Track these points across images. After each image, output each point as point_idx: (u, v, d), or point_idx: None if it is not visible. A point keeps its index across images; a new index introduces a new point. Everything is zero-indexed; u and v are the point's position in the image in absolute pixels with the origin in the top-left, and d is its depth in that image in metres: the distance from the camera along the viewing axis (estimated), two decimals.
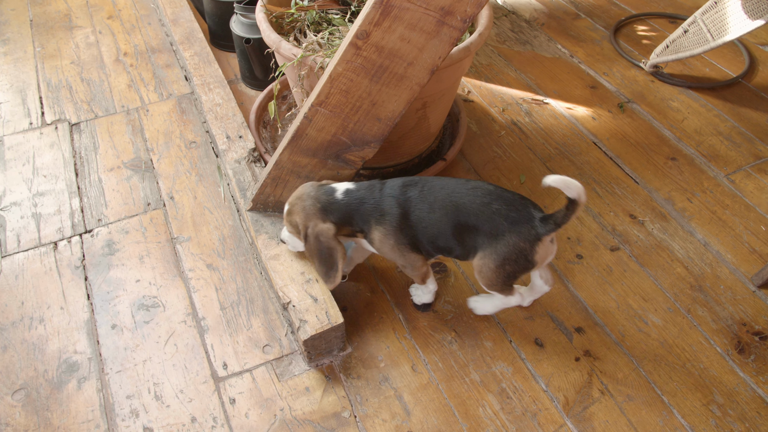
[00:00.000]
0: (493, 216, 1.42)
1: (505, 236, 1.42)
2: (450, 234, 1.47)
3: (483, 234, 1.44)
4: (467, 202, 1.44)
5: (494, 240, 1.43)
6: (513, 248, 1.42)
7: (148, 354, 1.66)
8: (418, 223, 1.49)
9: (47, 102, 2.39)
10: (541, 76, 2.48)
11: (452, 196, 1.46)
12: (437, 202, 1.47)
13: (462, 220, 1.45)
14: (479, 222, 1.43)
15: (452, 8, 1.37)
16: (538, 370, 1.62)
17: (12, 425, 1.53)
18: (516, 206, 1.43)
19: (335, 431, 1.51)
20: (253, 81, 2.38)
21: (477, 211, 1.44)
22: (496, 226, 1.42)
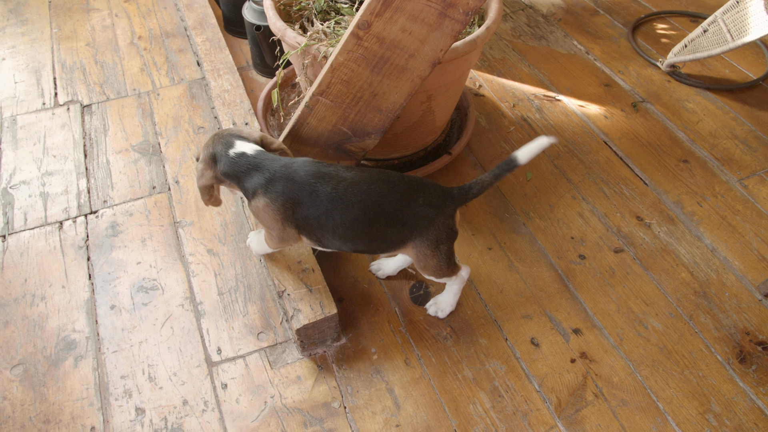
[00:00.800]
0: (420, 209, 1.41)
1: (434, 222, 1.42)
2: (367, 232, 1.43)
3: (412, 227, 1.43)
4: (392, 200, 1.40)
5: (425, 230, 1.43)
6: (442, 227, 1.44)
7: (145, 336, 1.67)
8: (327, 221, 1.42)
9: (61, 83, 2.41)
10: (554, 73, 2.45)
11: (374, 194, 1.40)
12: (352, 203, 1.40)
13: (386, 218, 1.42)
14: (407, 219, 1.42)
15: (454, 0, 1.35)
16: (532, 369, 1.60)
17: (9, 399, 1.56)
18: (434, 191, 1.44)
19: (324, 421, 1.51)
20: (264, 68, 2.38)
21: (404, 208, 1.41)
22: (425, 216, 1.42)
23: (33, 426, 1.51)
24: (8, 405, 1.55)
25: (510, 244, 1.87)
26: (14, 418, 1.52)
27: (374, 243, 1.46)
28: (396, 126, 1.85)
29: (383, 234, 1.44)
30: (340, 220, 1.40)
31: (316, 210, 1.41)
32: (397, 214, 1.41)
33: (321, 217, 1.41)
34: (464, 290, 1.75)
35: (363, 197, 1.39)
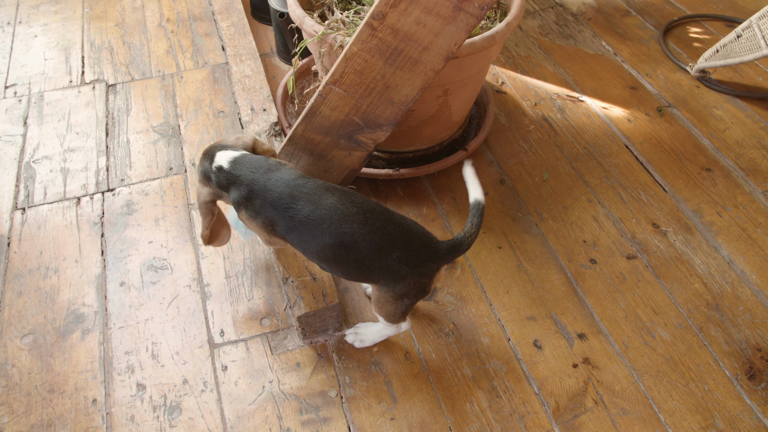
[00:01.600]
0: (392, 264, 1.33)
1: (406, 279, 1.35)
2: (337, 263, 1.38)
3: (379, 276, 1.36)
4: (364, 247, 1.32)
5: (394, 282, 1.36)
6: (414, 285, 1.37)
7: (151, 314, 1.70)
8: (302, 242, 1.38)
9: (89, 62, 2.46)
10: (580, 73, 2.40)
11: (345, 235, 1.32)
12: (325, 233, 1.33)
13: (355, 260, 1.35)
14: (375, 268, 1.34)
15: None
16: (532, 372, 1.58)
17: (17, 367, 1.60)
18: (417, 247, 1.34)
19: (320, 409, 1.52)
20: (287, 55, 2.39)
21: (373, 258, 1.33)
22: (396, 272, 1.34)
23: (38, 394, 1.55)
24: (16, 372, 1.59)
25: (520, 244, 1.85)
26: (21, 385, 1.57)
27: (346, 273, 1.41)
28: (411, 119, 1.84)
29: (351, 270, 1.39)
30: (314, 246, 1.36)
31: (291, 231, 1.37)
32: (367, 260, 1.33)
33: (296, 238, 1.38)
34: (470, 289, 1.74)
35: (336, 232, 1.32)
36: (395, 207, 1.94)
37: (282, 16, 2.19)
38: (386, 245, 1.32)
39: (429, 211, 1.93)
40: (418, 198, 1.96)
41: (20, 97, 2.31)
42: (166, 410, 1.52)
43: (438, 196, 1.97)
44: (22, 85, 2.36)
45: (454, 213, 1.92)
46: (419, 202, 1.95)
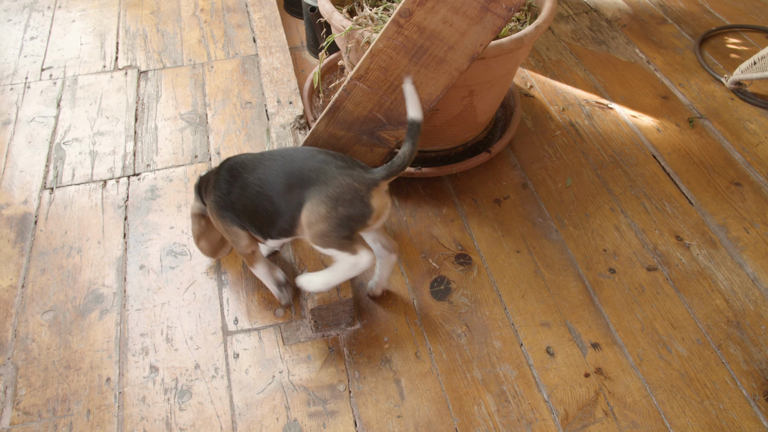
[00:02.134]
0: (320, 165, 1.38)
1: (336, 178, 1.36)
2: (272, 196, 1.43)
3: (310, 183, 1.37)
4: (293, 161, 1.43)
5: (323, 185, 1.36)
6: (346, 188, 1.35)
7: (168, 298, 1.72)
8: (240, 195, 1.47)
9: (123, 48, 2.50)
10: (610, 80, 2.37)
11: (278, 161, 1.45)
12: (260, 168, 1.46)
13: (287, 177, 1.40)
14: (304, 173, 1.38)
15: None
16: (543, 378, 1.57)
17: (37, 342, 1.64)
18: (345, 158, 1.43)
19: (327, 402, 1.53)
20: (316, 49, 2.40)
21: (302, 164, 1.40)
22: (325, 172, 1.37)
23: (55, 369, 1.59)
24: (35, 347, 1.63)
25: (539, 250, 1.83)
26: (39, 359, 1.60)
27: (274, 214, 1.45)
28: (435, 119, 1.83)
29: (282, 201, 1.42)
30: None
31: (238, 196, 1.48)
32: (297, 173, 1.40)
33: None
34: (485, 292, 1.73)
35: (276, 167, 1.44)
36: (415, 205, 1.94)
37: (313, 10, 2.20)
38: (311, 152, 1.45)
39: (449, 211, 1.92)
40: (439, 198, 1.96)
41: (55, 80, 2.37)
42: (177, 393, 1.54)
43: (459, 197, 1.96)
44: (58, 69, 2.42)
45: (474, 215, 1.91)
46: (440, 201, 1.95)
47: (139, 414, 1.51)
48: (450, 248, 1.84)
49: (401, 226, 1.89)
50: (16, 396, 1.54)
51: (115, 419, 1.50)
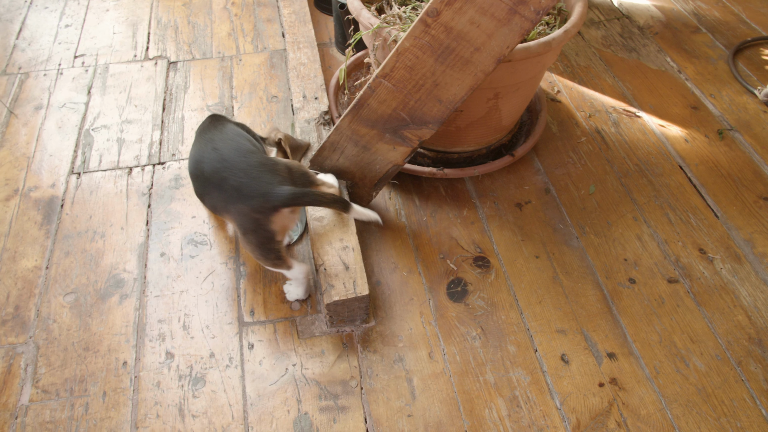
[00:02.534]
0: (240, 180, 1.48)
1: (239, 206, 1.48)
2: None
3: (230, 199, 1.50)
4: (224, 160, 1.53)
5: (236, 211, 1.50)
6: (246, 218, 1.48)
7: (186, 286, 1.75)
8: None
9: (154, 38, 2.54)
10: (639, 88, 2.34)
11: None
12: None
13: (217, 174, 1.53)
14: (228, 182, 1.50)
15: None
16: (556, 386, 1.55)
17: (58, 322, 1.67)
18: (251, 177, 1.49)
19: (338, 397, 1.53)
20: (344, 46, 2.41)
21: (228, 172, 1.51)
22: (239, 192, 1.48)
23: (74, 350, 1.62)
24: (56, 327, 1.66)
25: (559, 256, 1.81)
26: (59, 340, 1.64)
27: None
28: (459, 120, 1.83)
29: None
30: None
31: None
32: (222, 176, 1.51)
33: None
34: (502, 295, 1.72)
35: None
36: (436, 206, 1.93)
37: (342, 7, 2.21)
38: (222, 169, 1.53)
39: (469, 213, 1.92)
40: (460, 199, 1.95)
41: (87, 68, 2.41)
42: (191, 380, 1.56)
43: (480, 199, 1.95)
44: (90, 56, 2.46)
45: (494, 218, 1.90)
46: (460, 203, 1.94)
47: (153, 398, 1.53)
48: (469, 250, 1.83)
49: (421, 226, 1.89)
50: (36, 374, 1.57)
51: (129, 402, 1.53)
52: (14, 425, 1.49)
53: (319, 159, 1.79)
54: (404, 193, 1.98)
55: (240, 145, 1.56)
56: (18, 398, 1.54)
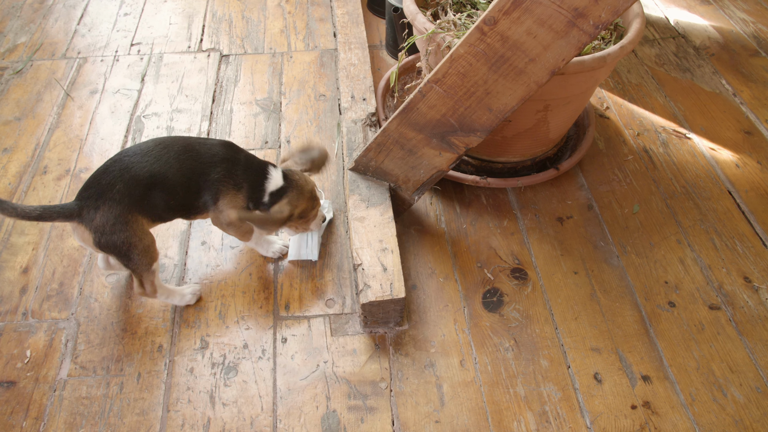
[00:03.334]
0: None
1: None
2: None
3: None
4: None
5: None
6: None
7: (225, 276, 1.77)
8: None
9: (208, 31, 2.59)
10: (691, 109, 2.29)
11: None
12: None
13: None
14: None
15: (586, 11, 1.30)
16: (588, 404, 1.53)
17: (99, 301, 1.72)
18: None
19: (368, 397, 1.54)
20: (395, 49, 2.42)
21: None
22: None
23: (112, 330, 1.66)
24: (97, 306, 1.71)
25: (598, 274, 1.79)
26: (99, 319, 1.68)
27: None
28: (507, 130, 1.82)
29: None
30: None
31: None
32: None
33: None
34: (538, 309, 1.71)
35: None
36: (476, 215, 1.93)
37: (396, 11, 2.22)
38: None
39: (510, 224, 1.90)
40: (501, 209, 1.94)
41: (142, 56, 2.47)
42: (224, 369, 1.58)
43: (521, 210, 1.94)
44: (146, 45, 2.52)
45: (535, 230, 1.89)
46: (501, 213, 1.93)
47: (185, 384, 1.56)
48: (507, 261, 1.82)
49: (460, 233, 1.88)
50: (75, 350, 1.62)
51: (162, 385, 1.56)
52: (52, 397, 1.53)
53: (364, 160, 1.80)
54: (445, 200, 1.98)
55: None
56: (57, 372, 1.58)
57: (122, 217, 1.45)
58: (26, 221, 1.47)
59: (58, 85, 2.34)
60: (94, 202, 1.43)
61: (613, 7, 1.28)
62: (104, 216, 1.43)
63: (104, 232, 1.44)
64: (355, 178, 1.84)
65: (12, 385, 1.56)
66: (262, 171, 1.60)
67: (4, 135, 2.16)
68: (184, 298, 1.68)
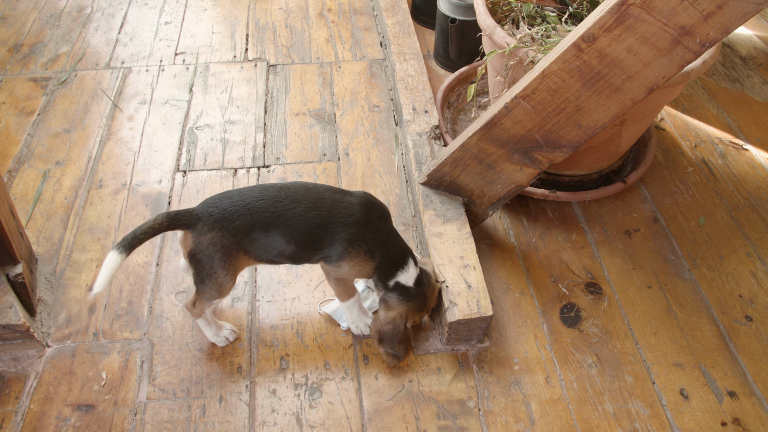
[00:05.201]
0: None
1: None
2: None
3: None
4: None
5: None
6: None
7: (298, 293, 1.74)
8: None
9: (252, 40, 2.55)
10: (745, 120, 2.30)
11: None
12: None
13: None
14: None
15: (694, 29, 1.30)
16: (677, 421, 1.53)
17: (171, 321, 1.68)
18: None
19: (457, 417, 1.52)
20: (445, 60, 2.41)
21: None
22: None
23: (188, 350, 1.62)
24: (170, 326, 1.67)
25: (671, 288, 1.79)
26: (173, 339, 1.64)
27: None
28: None
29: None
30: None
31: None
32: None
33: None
34: (616, 324, 1.70)
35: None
36: (543, 228, 1.92)
37: (453, 22, 2.21)
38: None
39: (578, 238, 1.90)
40: (568, 223, 1.93)
41: (188, 66, 2.43)
42: (308, 390, 1.56)
43: (588, 224, 1.93)
44: (191, 55, 2.48)
45: (604, 244, 1.88)
46: (569, 227, 1.92)
47: (269, 405, 1.53)
48: (580, 276, 1.81)
49: (530, 247, 1.87)
50: (152, 372, 1.58)
51: (246, 408, 1.52)
52: (134, 421, 1.49)
53: (438, 174, 1.78)
54: (512, 213, 1.96)
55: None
56: (136, 394, 1.54)
57: (228, 249, 1.42)
58: (158, 234, 1.43)
59: (104, 96, 2.29)
60: (211, 223, 1.41)
61: (723, 26, 1.28)
62: (214, 239, 1.40)
63: (203, 251, 1.41)
64: (427, 192, 1.82)
65: (91, 408, 1.52)
66: (402, 257, 1.52)
67: (55, 148, 2.11)
68: (216, 337, 1.63)
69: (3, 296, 1.57)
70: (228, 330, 1.65)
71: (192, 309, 1.55)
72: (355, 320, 1.65)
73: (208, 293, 1.49)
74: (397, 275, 1.51)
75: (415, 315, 1.57)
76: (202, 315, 1.56)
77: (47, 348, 1.63)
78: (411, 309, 1.55)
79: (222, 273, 1.45)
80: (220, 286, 1.47)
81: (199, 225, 1.42)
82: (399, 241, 1.53)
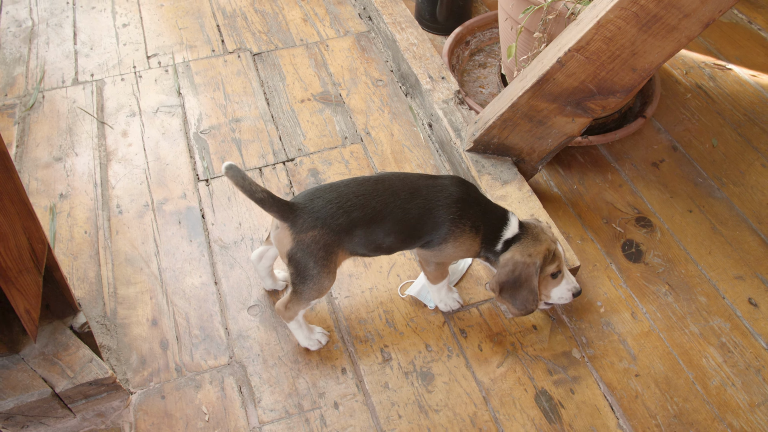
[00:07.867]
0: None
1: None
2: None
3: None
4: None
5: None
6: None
7: (373, 282, 1.70)
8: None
9: (225, 31, 2.39)
10: (720, 41, 2.46)
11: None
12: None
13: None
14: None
15: None
16: (756, 328, 1.66)
17: (253, 338, 1.60)
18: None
19: (567, 369, 1.56)
20: (431, 24, 2.38)
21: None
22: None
23: (284, 364, 1.55)
24: (255, 344, 1.59)
25: (709, 208, 1.91)
26: (263, 355, 1.56)
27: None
28: None
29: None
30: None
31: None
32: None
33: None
34: (674, 251, 1.79)
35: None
36: (579, 174, 1.98)
37: None
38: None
39: (614, 177, 1.97)
40: (600, 165, 2.00)
41: (166, 68, 2.25)
42: (419, 376, 1.54)
43: (618, 162, 2.01)
44: (165, 55, 2.29)
45: (638, 179, 1.97)
46: (601, 168, 1.99)
47: (388, 400, 1.50)
48: (627, 212, 1.89)
49: (573, 194, 1.93)
50: (253, 395, 1.50)
51: (365, 408, 1.49)
52: None
53: (486, 138, 1.78)
54: (546, 166, 2.00)
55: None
56: (246, 422, 1.47)
57: (330, 247, 1.35)
58: (250, 198, 1.31)
59: (85, 114, 2.08)
60: (312, 221, 1.33)
61: None
62: (316, 238, 1.33)
63: (305, 251, 1.35)
64: (476, 158, 1.81)
65: None
66: (503, 217, 1.47)
67: (52, 180, 1.90)
68: (309, 340, 1.57)
69: (78, 351, 1.43)
70: (319, 332, 1.59)
71: (284, 312, 1.48)
72: (444, 298, 1.64)
73: (308, 293, 1.42)
74: (502, 234, 1.47)
75: (535, 251, 1.45)
76: (294, 317, 1.50)
77: (131, 395, 1.51)
78: (526, 247, 1.46)
79: (324, 272, 1.39)
80: (320, 285, 1.41)
81: (300, 222, 1.35)
82: (496, 207, 1.52)
